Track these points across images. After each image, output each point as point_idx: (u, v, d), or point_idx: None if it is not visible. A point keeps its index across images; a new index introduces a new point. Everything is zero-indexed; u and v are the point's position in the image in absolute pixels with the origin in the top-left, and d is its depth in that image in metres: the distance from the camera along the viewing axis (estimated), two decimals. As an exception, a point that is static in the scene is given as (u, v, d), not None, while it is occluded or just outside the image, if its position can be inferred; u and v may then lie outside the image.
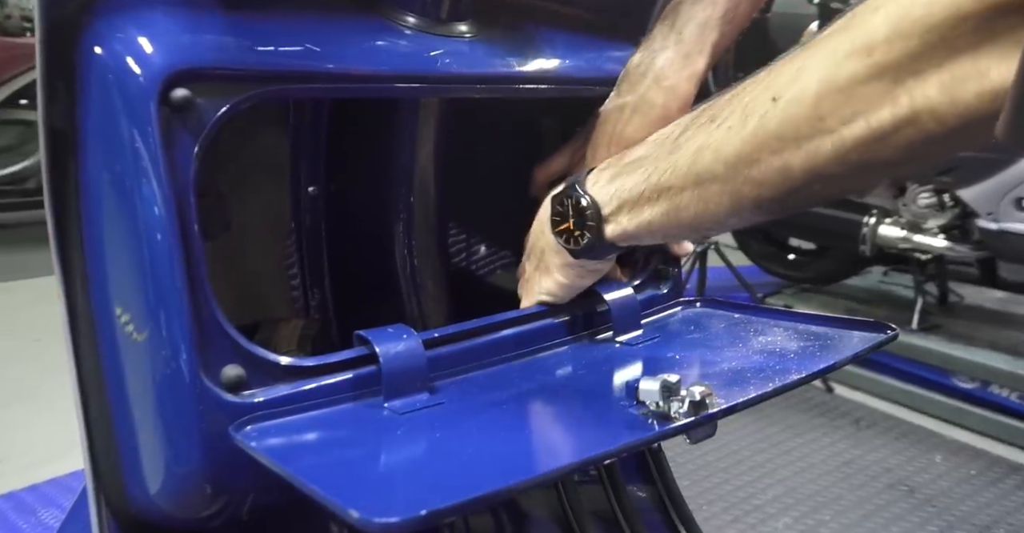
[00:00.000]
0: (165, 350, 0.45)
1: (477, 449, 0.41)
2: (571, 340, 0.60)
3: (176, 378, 0.45)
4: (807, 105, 0.41)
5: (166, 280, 0.44)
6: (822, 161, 0.41)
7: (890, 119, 0.38)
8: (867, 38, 0.38)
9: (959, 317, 2.46)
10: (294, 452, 0.44)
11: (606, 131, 0.62)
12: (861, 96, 0.39)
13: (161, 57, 0.43)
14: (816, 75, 0.40)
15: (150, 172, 0.43)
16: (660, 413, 0.44)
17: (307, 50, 0.48)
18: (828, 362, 0.50)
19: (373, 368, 0.51)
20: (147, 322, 0.45)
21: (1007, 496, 1.86)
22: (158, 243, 0.44)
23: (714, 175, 0.46)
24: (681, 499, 0.71)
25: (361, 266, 0.67)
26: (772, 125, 0.42)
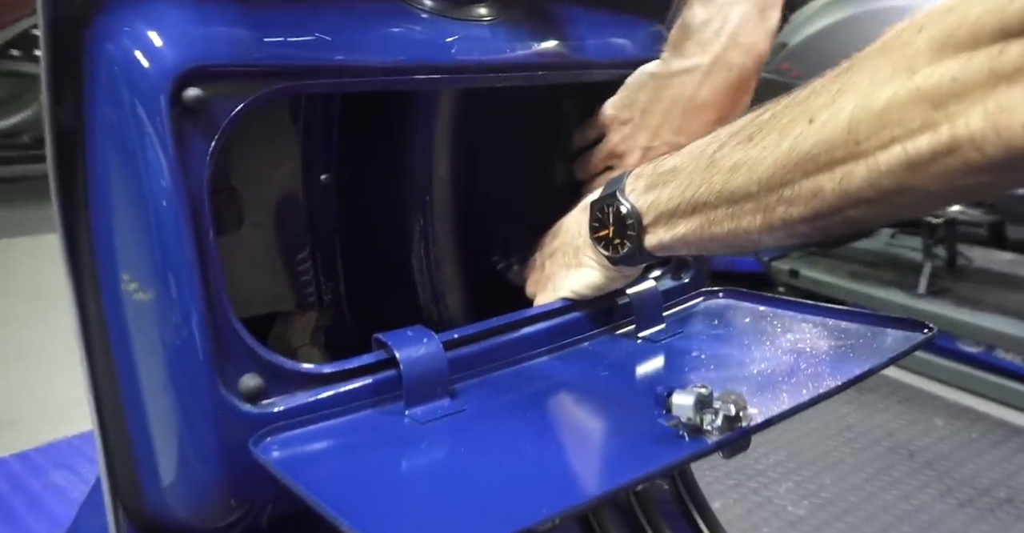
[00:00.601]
0: (182, 361, 0.44)
1: (503, 472, 0.40)
2: (592, 336, 0.59)
3: (194, 389, 0.44)
4: (842, 128, 0.39)
5: (182, 289, 0.42)
6: (855, 185, 0.40)
7: (928, 146, 0.36)
8: (908, 60, 0.37)
9: (967, 280, 2.45)
10: (313, 469, 0.43)
11: (671, 97, 0.58)
12: (899, 121, 0.37)
13: (172, 55, 0.40)
14: (854, 97, 0.39)
15: (162, 177, 0.41)
16: (692, 426, 0.43)
17: (324, 42, 0.45)
18: (864, 367, 0.49)
19: (393, 372, 0.50)
20: (163, 332, 0.44)
21: (1007, 459, 1.88)
22: (172, 250, 0.42)
23: (748, 193, 0.45)
24: (697, 488, 0.71)
25: (376, 255, 0.65)
26: (807, 146, 0.41)
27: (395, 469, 0.44)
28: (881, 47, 0.39)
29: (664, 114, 0.58)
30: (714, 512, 0.72)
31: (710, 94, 0.57)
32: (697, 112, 0.57)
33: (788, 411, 0.44)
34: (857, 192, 0.40)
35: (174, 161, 0.40)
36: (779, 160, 0.43)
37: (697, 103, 0.57)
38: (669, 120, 0.58)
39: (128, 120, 0.40)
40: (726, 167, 0.46)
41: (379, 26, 0.48)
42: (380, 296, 0.66)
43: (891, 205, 0.40)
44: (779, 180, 0.43)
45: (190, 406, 0.44)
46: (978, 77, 0.34)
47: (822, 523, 1.59)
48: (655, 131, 0.59)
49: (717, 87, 0.57)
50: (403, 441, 0.46)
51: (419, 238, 0.63)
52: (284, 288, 0.63)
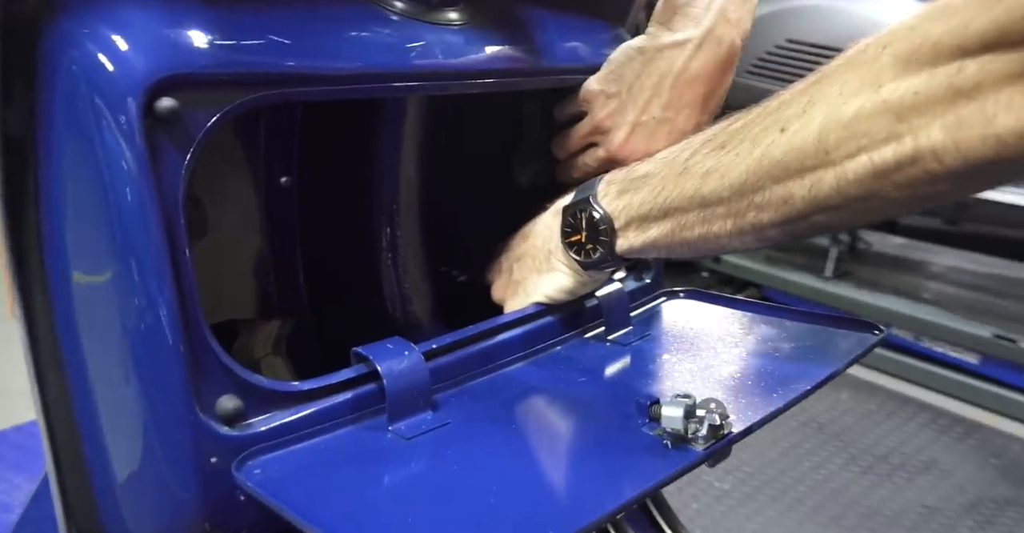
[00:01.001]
0: (157, 385, 0.41)
1: (496, 492, 0.39)
2: (564, 340, 0.59)
3: (169, 415, 0.41)
4: (812, 137, 0.41)
5: (157, 311, 0.40)
6: (824, 193, 0.42)
7: (892, 156, 0.38)
8: (875, 75, 0.39)
9: (867, 263, 2.63)
10: (302, 492, 0.41)
11: (660, 70, 0.57)
12: (866, 132, 0.39)
13: (142, 62, 0.37)
14: (824, 108, 0.41)
15: (134, 191, 0.38)
16: (676, 435, 0.44)
17: (302, 47, 0.42)
18: (828, 370, 0.52)
19: (373, 386, 0.48)
20: (136, 357, 0.41)
21: (900, 427, 2.06)
22: (147, 270, 0.39)
23: (719, 199, 0.46)
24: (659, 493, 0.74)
25: (340, 260, 0.63)
26: (778, 154, 0.43)
27: (386, 489, 0.43)
28: (848, 61, 0.41)
29: (654, 88, 0.58)
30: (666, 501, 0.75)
31: (701, 67, 0.57)
32: (687, 86, 0.57)
33: (766, 417, 0.46)
34: (825, 199, 0.42)
35: (147, 175, 0.38)
36: (751, 167, 0.44)
37: (688, 77, 0.57)
38: (659, 94, 0.58)
39: (93, 132, 0.37)
40: (699, 173, 0.47)
41: (354, 31, 0.46)
42: (344, 302, 0.64)
43: (855, 211, 0.43)
44: (751, 186, 0.44)
45: (166, 432, 0.42)
46: (938, 92, 0.36)
47: (745, 496, 1.69)
48: (644, 106, 0.58)
49: (708, 61, 0.57)
50: (390, 459, 0.45)
51: (385, 242, 0.61)
52: (244, 295, 0.60)
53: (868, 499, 1.72)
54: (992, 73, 0.34)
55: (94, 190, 0.38)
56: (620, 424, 0.47)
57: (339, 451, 0.45)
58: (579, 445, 0.45)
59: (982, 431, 2.01)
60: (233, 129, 0.58)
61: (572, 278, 0.57)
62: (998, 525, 1.63)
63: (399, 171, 0.60)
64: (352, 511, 0.39)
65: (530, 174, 0.71)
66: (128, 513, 0.44)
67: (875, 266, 2.64)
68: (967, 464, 1.86)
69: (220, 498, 0.43)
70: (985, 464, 1.87)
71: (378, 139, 0.59)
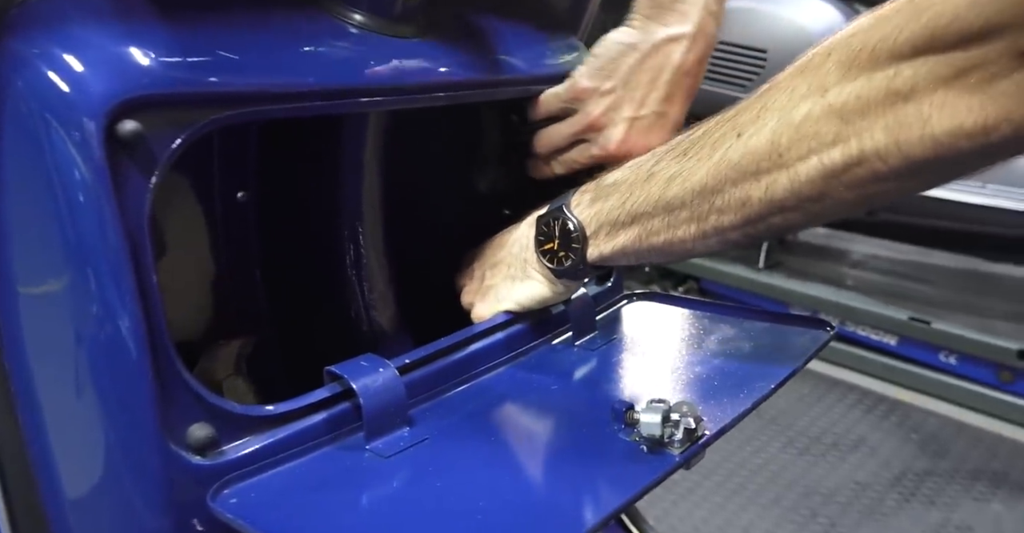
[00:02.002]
0: (121, 415, 0.39)
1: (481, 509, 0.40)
2: (533, 347, 0.60)
3: (137, 449, 0.40)
4: (766, 140, 0.43)
5: (123, 341, 0.38)
6: (779, 194, 0.44)
7: (840, 157, 0.41)
8: (820, 80, 0.41)
9: (795, 254, 2.75)
10: (283, 519, 0.40)
11: (657, 65, 0.57)
12: (814, 134, 0.41)
13: (101, 83, 0.35)
14: (776, 113, 0.43)
15: (96, 218, 0.36)
16: (653, 440, 0.46)
17: (265, 64, 0.41)
18: (788, 368, 0.54)
19: (347, 405, 0.48)
20: (100, 388, 0.39)
21: (831, 409, 2.17)
22: (111, 301, 0.37)
23: (682, 203, 0.48)
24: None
25: (302, 276, 0.62)
26: (735, 157, 0.45)
27: (368, 510, 0.43)
28: (797, 69, 0.43)
29: (651, 83, 0.58)
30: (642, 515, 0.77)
31: (695, 62, 0.58)
32: (683, 80, 0.58)
33: (737, 418, 0.48)
34: (781, 200, 0.44)
35: (111, 203, 0.36)
36: (710, 171, 0.46)
37: (684, 71, 0.58)
38: (656, 88, 0.58)
39: (49, 159, 0.35)
40: (663, 179, 0.49)
41: (317, 46, 0.45)
42: (308, 319, 0.63)
43: (810, 213, 0.45)
44: (711, 189, 0.46)
45: (133, 468, 0.40)
46: (878, 96, 0.38)
47: (693, 485, 1.74)
48: (641, 101, 0.59)
49: (700, 55, 0.58)
50: (370, 479, 0.44)
51: (349, 256, 0.60)
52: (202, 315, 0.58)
53: (805, 479, 1.81)
54: (925, 76, 0.37)
55: (51, 218, 0.36)
56: (597, 431, 0.48)
57: (317, 474, 0.44)
58: (560, 455, 0.46)
59: (903, 408, 2.15)
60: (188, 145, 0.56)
61: (546, 287, 0.57)
62: (920, 496, 1.75)
63: (360, 183, 0.59)
64: (329, 530, 0.38)
65: (489, 181, 0.71)
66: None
67: (803, 256, 2.77)
68: (891, 440, 1.98)
69: (195, 531, 0.42)
70: (907, 439, 1.99)
71: (337, 151, 0.58)
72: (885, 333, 2.31)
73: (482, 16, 0.60)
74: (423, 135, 0.67)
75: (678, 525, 1.61)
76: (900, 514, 1.68)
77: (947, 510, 1.70)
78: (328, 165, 0.58)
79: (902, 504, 1.72)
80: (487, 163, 0.71)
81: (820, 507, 1.70)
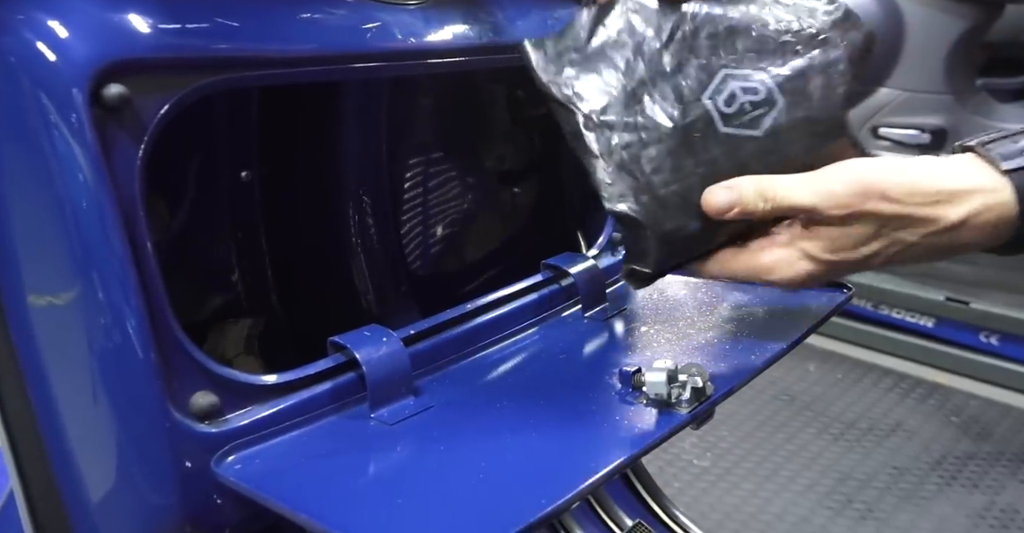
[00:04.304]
0: (126, 384, 0.40)
1: (486, 468, 0.39)
2: (541, 320, 0.59)
3: (142, 414, 0.40)
4: None
5: (120, 308, 0.38)
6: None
7: None
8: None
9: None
10: (289, 483, 0.40)
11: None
12: None
13: (85, 48, 0.35)
14: None
15: (85, 185, 0.36)
16: (661, 401, 0.45)
17: (253, 29, 0.41)
18: (800, 330, 0.52)
19: (352, 375, 0.48)
20: (102, 356, 0.39)
21: (865, 394, 2.11)
22: (107, 271, 0.37)
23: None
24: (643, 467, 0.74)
25: (308, 255, 0.62)
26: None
27: (372, 474, 0.42)
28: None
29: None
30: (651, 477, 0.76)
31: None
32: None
33: (745, 378, 0.46)
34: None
35: (99, 167, 0.36)
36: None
37: None
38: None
39: (36, 127, 0.35)
40: None
41: (309, 12, 0.45)
42: (316, 296, 0.63)
43: None
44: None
45: (138, 435, 0.40)
46: None
47: (724, 471, 1.71)
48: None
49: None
50: (375, 445, 0.44)
51: (355, 233, 0.60)
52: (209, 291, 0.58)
53: (840, 465, 1.76)
54: None
55: (42, 191, 0.36)
56: (604, 395, 0.47)
57: (322, 441, 0.44)
58: (564, 418, 0.45)
59: (941, 391, 2.08)
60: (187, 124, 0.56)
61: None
62: (962, 479, 1.69)
63: (363, 156, 0.59)
64: (339, 497, 0.38)
65: (496, 157, 0.71)
66: (104, 523, 0.43)
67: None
68: (930, 423, 1.92)
69: (200, 499, 0.42)
70: (947, 422, 1.93)
71: (340, 125, 0.58)
72: (921, 315, 2.25)
73: None
74: (430, 110, 0.67)
75: (709, 512, 1.58)
76: (941, 498, 1.63)
77: (991, 493, 1.65)
78: (328, 140, 0.58)
79: (943, 488, 1.67)
80: (495, 140, 0.70)
81: (856, 493, 1.66)
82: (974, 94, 2.22)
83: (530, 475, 0.39)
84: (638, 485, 0.73)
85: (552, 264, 0.61)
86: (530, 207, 0.73)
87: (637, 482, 0.73)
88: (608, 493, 0.75)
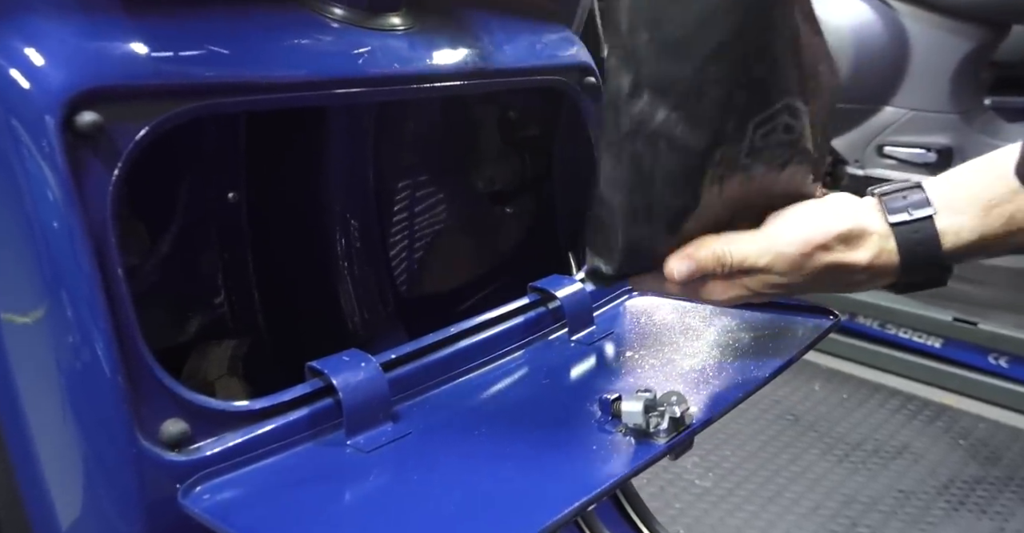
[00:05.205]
0: (93, 411, 0.39)
1: (461, 498, 0.39)
2: (527, 343, 0.59)
3: (108, 444, 0.40)
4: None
5: (89, 335, 0.38)
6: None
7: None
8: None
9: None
10: (256, 515, 0.40)
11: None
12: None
13: (59, 75, 0.35)
14: None
15: (55, 212, 0.36)
16: (639, 431, 0.44)
17: (233, 57, 0.41)
18: (785, 357, 0.52)
19: (330, 401, 0.47)
20: (69, 383, 0.39)
21: (872, 414, 2.08)
22: (76, 293, 0.37)
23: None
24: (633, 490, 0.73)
25: (294, 276, 0.62)
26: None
27: (344, 505, 0.42)
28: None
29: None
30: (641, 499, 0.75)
31: None
32: None
33: (726, 407, 0.46)
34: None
35: (70, 194, 0.36)
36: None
37: None
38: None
39: (9, 152, 0.35)
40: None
41: (290, 38, 0.45)
42: (303, 318, 0.62)
43: None
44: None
45: (105, 459, 0.40)
46: None
47: (726, 492, 1.69)
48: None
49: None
50: (348, 473, 0.44)
51: (342, 256, 0.60)
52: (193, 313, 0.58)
53: (845, 487, 1.73)
54: None
55: (14, 215, 0.36)
56: (583, 423, 0.47)
57: (295, 470, 0.43)
58: (542, 447, 0.44)
59: (949, 413, 2.05)
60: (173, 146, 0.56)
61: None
62: (969, 504, 1.66)
63: (350, 179, 0.59)
64: (303, 526, 0.37)
65: (486, 178, 0.71)
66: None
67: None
68: (937, 446, 1.89)
69: (168, 530, 0.41)
70: (954, 445, 1.90)
71: (325, 149, 0.58)
72: (929, 336, 2.22)
73: (471, 9, 0.59)
74: (419, 131, 0.67)
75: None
76: (948, 523, 1.60)
77: (1000, 519, 1.62)
78: (315, 163, 0.58)
79: (950, 513, 1.63)
80: (485, 161, 0.70)
81: (860, 516, 1.63)
82: (981, 113, 2.21)
83: (500, 509, 0.38)
84: (628, 507, 0.72)
85: (539, 287, 0.61)
86: (521, 228, 0.73)
87: (627, 504, 0.72)
88: (597, 515, 0.74)
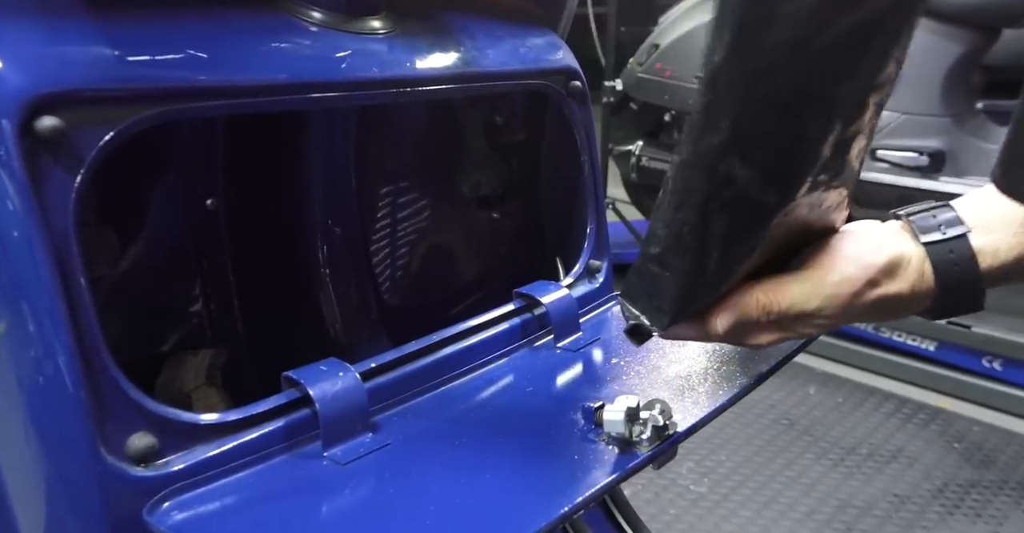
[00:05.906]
0: (56, 425, 0.38)
1: (437, 511, 0.37)
2: (512, 350, 0.58)
3: (72, 456, 0.38)
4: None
5: (50, 347, 0.37)
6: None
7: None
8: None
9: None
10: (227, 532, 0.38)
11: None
12: None
13: (19, 79, 0.34)
14: None
15: (13, 219, 0.35)
16: (622, 439, 0.43)
17: (203, 60, 0.40)
18: (771, 362, 0.51)
19: (306, 411, 0.46)
20: (29, 396, 0.38)
21: (867, 418, 2.08)
22: (37, 303, 0.36)
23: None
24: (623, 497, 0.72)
25: (274, 284, 0.60)
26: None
27: (317, 521, 0.40)
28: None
29: None
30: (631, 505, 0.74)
31: None
32: None
33: (710, 414, 0.45)
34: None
35: (29, 201, 0.35)
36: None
37: None
38: None
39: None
40: None
41: (266, 41, 0.44)
42: (283, 326, 0.61)
43: None
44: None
45: (69, 475, 0.39)
46: None
47: (721, 498, 1.68)
48: None
49: None
50: (323, 487, 0.42)
51: (323, 263, 0.59)
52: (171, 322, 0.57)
53: (840, 492, 1.72)
54: None
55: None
56: (566, 432, 0.46)
57: (268, 484, 0.42)
58: (524, 457, 0.43)
59: (944, 416, 2.05)
60: (149, 152, 0.55)
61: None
62: (964, 508, 1.65)
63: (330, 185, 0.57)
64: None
65: (472, 183, 0.70)
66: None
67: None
68: (932, 450, 1.88)
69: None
70: (949, 449, 1.89)
71: (305, 154, 0.57)
72: (923, 339, 2.22)
73: (453, 13, 0.59)
74: (403, 136, 0.66)
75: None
76: (943, 527, 1.59)
77: (995, 523, 1.61)
78: (295, 169, 0.57)
79: (945, 517, 1.63)
80: (470, 166, 0.69)
81: (856, 521, 1.62)
82: (972, 116, 2.21)
83: (478, 522, 0.37)
84: (617, 514, 0.71)
85: (524, 293, 0.60)
86: (508, 234, 0.72)
87: (616, 511, 0.71)
88: (586, 521, 0.73)
